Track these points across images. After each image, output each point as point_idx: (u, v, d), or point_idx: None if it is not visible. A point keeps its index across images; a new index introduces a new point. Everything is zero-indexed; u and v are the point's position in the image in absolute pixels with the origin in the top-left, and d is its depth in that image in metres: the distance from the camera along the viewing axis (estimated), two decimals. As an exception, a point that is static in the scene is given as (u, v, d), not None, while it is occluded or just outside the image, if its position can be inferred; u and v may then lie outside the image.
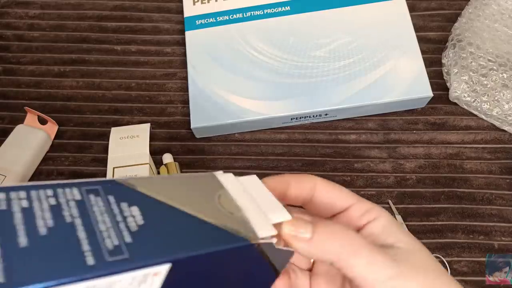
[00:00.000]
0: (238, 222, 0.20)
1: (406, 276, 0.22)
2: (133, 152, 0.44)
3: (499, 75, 0.47)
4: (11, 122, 0.49)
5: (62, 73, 0.53)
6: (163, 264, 0.17)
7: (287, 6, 0.52)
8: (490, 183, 0.45)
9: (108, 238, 0.16)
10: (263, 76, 0.48)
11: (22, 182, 0.46)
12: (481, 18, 0.50)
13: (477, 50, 0.48)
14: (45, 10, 0.57)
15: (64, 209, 0.17)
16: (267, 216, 0.21)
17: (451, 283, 0.24)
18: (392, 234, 0.25)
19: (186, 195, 0.21)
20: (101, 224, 0.17)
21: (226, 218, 0.20)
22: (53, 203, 0.17)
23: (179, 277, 0.18)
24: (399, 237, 0.25)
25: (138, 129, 0.45)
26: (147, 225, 0.18)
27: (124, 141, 0.44)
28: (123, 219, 0.18)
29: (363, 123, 0.49)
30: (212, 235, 0.19)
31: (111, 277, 0.15)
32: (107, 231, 0.17)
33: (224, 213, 0.20)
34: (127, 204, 0.18)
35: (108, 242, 0.16)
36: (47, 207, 0.17)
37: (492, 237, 0.43)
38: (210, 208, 0.20)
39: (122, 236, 0.17)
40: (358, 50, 0.49)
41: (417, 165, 0.47)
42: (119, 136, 0.45)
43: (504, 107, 0.46)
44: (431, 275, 0.24)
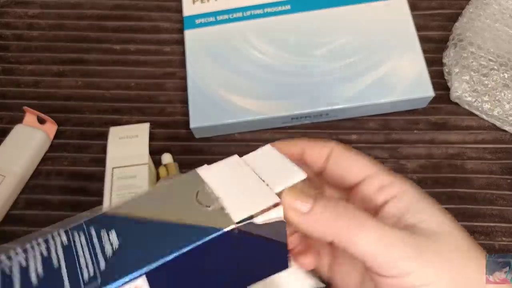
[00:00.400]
0: (213, 213, 0.21)
1: (425, 261, 0.19)
2: (132, 152, 0.43)
3: (500, 75, 0.47)
4: (10, 122, 0.49)
5: (61, 73, 0.53)
6: (137, 278, 0.18)
7: (287, 5, 0.51)
8: (491, 184, 0.45)
9: (86, 270, 0.19)
10: (263, 76, 0.48)
11: (21, 182, 0.46)
12: (482, 18, 0.50)
13: (478, 49, 0.48)
14: (44, 10, 0.56)
15: (52, 257, 0.20)
16: (274, 184, 0.21)
17: (482, 277, 0.21)
18: (418, 213, 0.21)
19: (164, 205, 0.22)
20: (81, 258, 0.19)
21: (201, 214, 0.21)
22: (44, 254, 0.20)
23: (166, 280, 0.19)
24: (425, 216, 0.21)
25: (137, 129, 0.45)
26: (122, 247, 0.19)
27: (123, 141, 0.44)
28: (100, 248, 0.20)
29: (364, 123, 0.49)
30: (184, 236, 0.19)
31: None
32: (86, 264, 0.19)
33: (200, 209, 0.21)
34: (105, 230, 0.20)
35: (85, 274, 0.19)
36: (39, 258, 0.20)
37: (493, 237, 0.43)
38: (187, 209, 0.21)
39: (98, 264, 0.19)
40: (359, 49, 0.48)
41: (418, 165, 0.46)
42: (118, 136, 0.44)
43: (505, 107, 0.46)
44: (457, 263, 0.20)
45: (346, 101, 0.46)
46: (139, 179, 0.42)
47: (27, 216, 0.45)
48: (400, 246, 0.19)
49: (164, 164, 0.45)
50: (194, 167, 0.47)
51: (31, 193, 0.46)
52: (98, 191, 0.43)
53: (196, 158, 0.48)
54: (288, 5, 0.51)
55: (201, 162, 0.49)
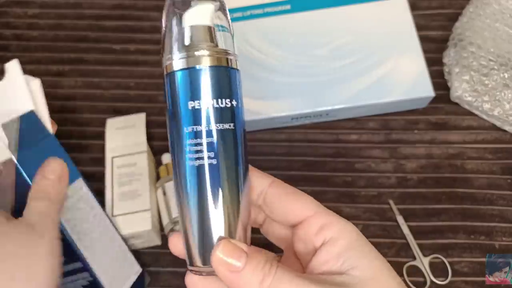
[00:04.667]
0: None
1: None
2: (130, 141, 0.44)
3: (500, 74, 0.47)
4: (9, 122, 0.49)
5: (61, 73, 0.52)
6: None
7: (287, 5, 0.51)
8: (491, 184, 0.45)
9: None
10: (263, 76, 0.48)
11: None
12: (482, 18, 0.49)
13: (478, 49, 0.48)
14: (44, 10, 0.56)
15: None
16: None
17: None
18: (349, 258, 0.22)
19: None
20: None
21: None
22: None
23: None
24: (356, 262, 0.21)
25: (134, 119, 0.46)
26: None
27: (120, 131, 0.45)
28: None
29: (364, 123, 0.49)
30: None
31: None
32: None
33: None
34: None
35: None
36: None
37: (493, 237, 0.43)
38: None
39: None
40: (359, 49, 0.48)
41: (418, 165, 0.46)
42: (115, 127, 0.45)
43: (505, 107, 0.46)
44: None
45: (346, 101, 0.46)
46: (139, 167, 0.43)
47: (27, 216, 0.45)
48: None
49: (164, 164, 0.45)
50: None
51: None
52: (99, 191, 0.43)
53: (196, 158, 0.47)
54: (288, 5, 0.51)
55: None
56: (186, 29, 0.24)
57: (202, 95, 0.23)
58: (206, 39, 0.24)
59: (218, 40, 0.25)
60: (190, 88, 0.23)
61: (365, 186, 0.46)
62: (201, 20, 0.24)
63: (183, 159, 0.23)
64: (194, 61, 0.23)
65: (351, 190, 0.45)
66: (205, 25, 0.24)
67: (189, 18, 0.24)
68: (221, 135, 0.23)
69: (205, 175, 0.23)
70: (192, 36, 0.24)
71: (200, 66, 0.23)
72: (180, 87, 0.23)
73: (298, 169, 0.47)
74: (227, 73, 0.24)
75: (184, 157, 0.23)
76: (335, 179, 0.46)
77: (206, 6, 0.25)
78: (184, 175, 0.23)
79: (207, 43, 0.24)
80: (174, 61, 0.24)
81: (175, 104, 0.23)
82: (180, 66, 0.23)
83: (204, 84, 0.23)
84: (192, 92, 0.23)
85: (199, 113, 0.23)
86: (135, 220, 0.40)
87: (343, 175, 0.46)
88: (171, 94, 0.24)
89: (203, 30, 0.24)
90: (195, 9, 0.25)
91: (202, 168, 0.23)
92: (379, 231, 0.44)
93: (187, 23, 0.24)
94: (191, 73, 0.23)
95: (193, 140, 0.23)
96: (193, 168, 0.23)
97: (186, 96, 0.23)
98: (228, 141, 0.23)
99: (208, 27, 0.25)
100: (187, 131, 0.23)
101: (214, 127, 0.23)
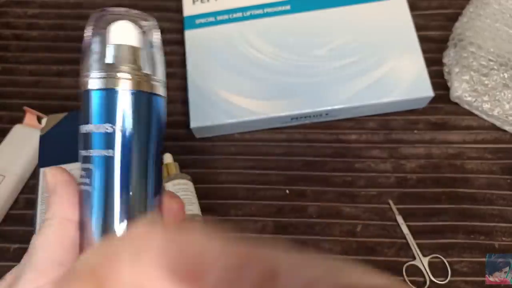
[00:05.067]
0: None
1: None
2: None
3: (500, 74, 0.47)
4: (10, 121, 0.49)
5: (61, 73, 0.52)
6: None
7: (287, 5, 0.51)
8: (491, 183, 0.45)
9: None
10: (263, 76, 0.48)
11: (21, 182, 0.46)
12: (482, 18, 0.50)
13: (478, 49, 0.48)
14: (44, 10, 0.56)
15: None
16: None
17: None
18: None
19: None
20: None
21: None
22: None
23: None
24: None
25: None
26: None
27: None
28: None
29: (364, 123, 0.49)
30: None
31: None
32: None
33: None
34: None
35: None
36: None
37: (493, 237, 0.43)
38: None
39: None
40: (359, 49, 0.48)
41: (418, 165, 0.46)
42: None
43: (505, 107, 0.46)
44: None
45: (346, 101, 0.46)
46: None
47: (27, 216, 0.45)
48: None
49: (165, 164, 0.45)
50: (194, 167, 0.47)
51: (31, 193, 0.46)
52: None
53: (196, 158, 0.47)
54: (288, 5, 0.51)
55: (201, 162, 0.49)
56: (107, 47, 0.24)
57: (89, 119, 0.23)
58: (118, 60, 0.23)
59: (141, 63, 0.24)
60: (83, 109, 0.23)
61: (365, 186, 0.46)
62: (123, 39, 0.24)
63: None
64: (91, 83, 0.23)
65: (351, 190, 0.46)
66: (125, 44, 0.24)
67: (113, 34, 0.24)
68: (98, 162, 0.23)
69: (81, 201, 0.23)
70: (114, 56, 0.23)
71: (96, 87, 0.23)
72: (83, 109, 0.23)
73: (298, 169, 0.47)
74: (113, 97, 0.23)
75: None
76: (335, 179, 0.46)
77: (130, 25, 0.25)
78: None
79: (127, 65, 0.23)
80: (89, 79, 0.23)
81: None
82: (89, 86, 0.23)
83: (91, 107, 0.23)
84: (84, 114, 0.23)
85: (83, 137, 0.23)
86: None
87: (343, 175, 0.46)
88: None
89: (120, 50, 0.23)
90: (120, 26, 0.24)
91: (82, 192, 0.23)
92: (379, 231, 0.44)
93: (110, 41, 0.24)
94: (85, 94, 0.23)
95: (81, 164, 0.23)
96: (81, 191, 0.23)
97: (80, 118, 0.23)
98: (105, 170, 0.22)
99: (128, 47, 0.24)
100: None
101: (90, 153, 0.23)
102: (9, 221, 0.45)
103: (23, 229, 0.44)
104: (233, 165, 0.47)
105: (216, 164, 0.47)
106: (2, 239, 0.44)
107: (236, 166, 0.47)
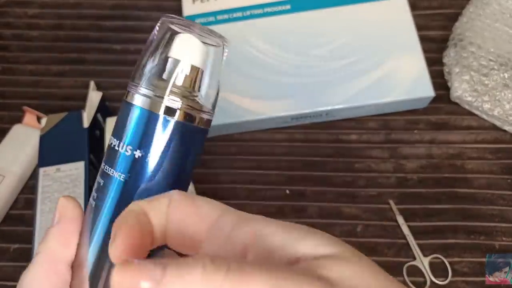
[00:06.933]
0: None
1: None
2: None
3: (500, 74, 0.47)
4: (9, 121, 0.49)
5: (61, 73, 0.52)
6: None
7: (287, 4, 0.51)
8: (491, 184, 0.45)
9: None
10: (263, 76, 0.48)
11: (20, 182, 0.46)
12: (482, 18, 0.49)
13: (478, 49, 0.48)
14: (44, 10, 0.56)
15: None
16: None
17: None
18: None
19: None
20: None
21: None
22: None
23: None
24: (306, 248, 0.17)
25: None
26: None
27: None
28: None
29: (364, 123, 0.49)
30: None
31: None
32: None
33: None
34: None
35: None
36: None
37: (493, 237, 0.43)
38: None
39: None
40: (359, 49, 0.48)
41: (418, 165, 0.46)
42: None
43: (505, 107, 0.46)
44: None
45: (346, 101, 0.46)
46: None
47: (27, 216, 0.45)
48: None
49: (164, 164, 0.45)
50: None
51: (30, 193, 0.46)
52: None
53: (196, 158, 0.47)
54: (288, 5, 0.51)
55: (201, 162, 0.49)
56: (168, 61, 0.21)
57: (121, 135, 0.21)
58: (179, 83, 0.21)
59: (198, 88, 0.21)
60: (119, 119, 0.21)
61: (365, 186, 0.46)
62: (186, 56, 0.21)
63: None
64: (146, 104, 0.20)
65: (351, 190, 0.45)
66: (186, 62, 0.21)
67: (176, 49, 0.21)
68: (106, 180, 0.21)
69: (86, 214, 0.22)
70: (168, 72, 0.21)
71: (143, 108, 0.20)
72: (119, 116, 0.21)
73: (298, 169, 0.47)
74: (153, 122, 0.20)
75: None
76: (335, 179, 0.46)
77: (196, 41, 0.21)
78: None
79: (182, 90, 0.20)
80: (132, 93, 0.21)
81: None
82: (132, 100, 0.21)
83: (127, 123, 0.21)
84: (118, 125, 0.21)
85: (109, 150, 0.21)
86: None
87: (343, 175, 0.46)
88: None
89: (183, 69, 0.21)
90: (185, 40, 0.21)
91: (89, 206, 0.22)
92: (379, 231, 0.44)
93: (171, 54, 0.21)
94: (126, 105, 0.21)
95: (99, 175, 0.22)
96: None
97: (112, 131, 0.21)
98: (110, 191, 0.20)
99: (189, 65, 0.21)
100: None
101: (105, 169, 0.21)
102: (9, 221, 0.45)
103: (23, 229, 0.44)
104: (233, 165, 0.47)
105: (216, 164, 0.47)
106: (1, 239, 0.44)
107: (236, 166, 0.47)
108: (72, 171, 0.42)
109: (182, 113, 0.20)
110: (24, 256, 0.42)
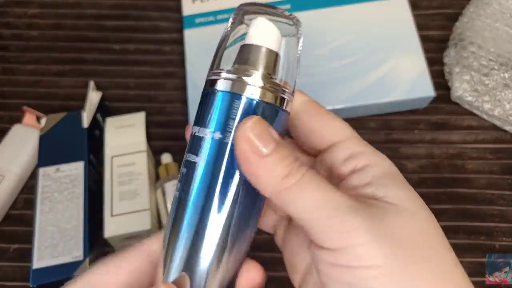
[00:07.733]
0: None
1: (376, 238, 0.16)
2: (130, 140, 0.44)
3: (500, 74, 0.47)
4: (9, 121, 0.49)
5: (61, 72, 0.52)
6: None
7: (287, 4, 0.51)
8: (492, 184, 0.45)
9: None
10: (263, 76, 0.48)
11: (20, 182, 0.46)
12: (482, 18, 0.49)
13: (478, 49, 0.48)
14: (43, 10, 0.56)
15: None
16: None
17: (441, 277, 0.17)
18: (382, 186, 0.19)
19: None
20: None
21: None
22: None
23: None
24: (390, 192, 0.18)
25: (134, 118, 0.46)
26: None
27: (120, 131, 0.45)
28: None
29: (365, 123, 0.49)
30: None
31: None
32: None
33: None
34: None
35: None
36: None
37: (494, 237, 0.43)
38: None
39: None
40: (360, 48, 0.48)
41: (418, 165, 0.46)
42: (114, 126, 0.45)
43: (505, 107, 0.46)
44: (416, 252, 0.17)
45: (346, 101, 0.46)
46: (138, 166, 0.43)
47: (27, 216, 0.45)
48: (346, 214, 0.16)
49: (164, 164, 0.45)
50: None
51: (30, 193, 0.46)
52: (97, 191, 0.43)
53: (196, 158, 0.47)
54: (288, 4, 0.51)
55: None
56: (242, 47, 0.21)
57: (202, 122, 0.20)
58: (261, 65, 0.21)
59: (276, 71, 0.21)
60: (200, 109, 0.21)
61: (365, 186, 0.46)
62: (265, 41, 0.21)
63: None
64: (227, 86, 0.20)
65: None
66: (267, 48, 0.21)
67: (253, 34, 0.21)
68: (189, 168, 0.21)
69: (172, 206, 0.22)
70: (245, 57, 0.21)
71: (223, 91, 0.20)
72: (199, 106, 0.21)
73: (298, 169, 0.47)
74: (235, 103, 0.20)
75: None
76: (335, 179, 0.46)
77: (272, 26, 0.22)
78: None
79: (262, 71, 0.21)
80: (214, 79, 0.21)
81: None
82: (213, 86, 0.21)
83: (207, 109, 0.20)
84: (197, 118, 0.21)
85: (191, 140, 0.21)
86: (134, 220, 0.40)
87: (343, 175, 0.46)
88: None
89: (261, 53, 0.21)
90: (261, 25, 0.21)
91: (174, 198, 0.22)
92: (379, 231, 0.44)
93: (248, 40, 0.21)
94: (208, 94, 0.21)
95: (182, 166, 0.22)
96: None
97: (193, 118, 0.21)
98: (193, 177, 0.20)
99: (269, 51, 0.21)
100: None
101: (186, 157, 0.21)
102: (9, 221, 0.45)
103: (23, 229, 0.44)
104: (233, 165, 0.47)
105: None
106: (1, 239, 0.44)
107: (236, 166, 0.47)
108: (72, 171, 0.42)
109: (265, 93, 0.20)
110: (24, 256, 0.42)
